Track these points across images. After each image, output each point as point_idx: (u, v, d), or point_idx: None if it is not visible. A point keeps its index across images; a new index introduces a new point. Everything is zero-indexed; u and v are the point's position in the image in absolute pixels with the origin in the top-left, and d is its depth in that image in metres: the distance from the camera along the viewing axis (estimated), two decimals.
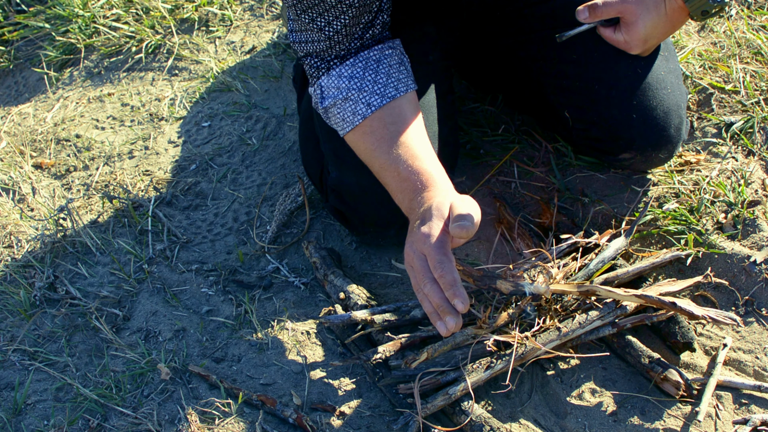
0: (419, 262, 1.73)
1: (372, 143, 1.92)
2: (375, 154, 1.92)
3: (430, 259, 1.71)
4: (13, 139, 2.71)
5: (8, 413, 1.96)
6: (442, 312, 1.70)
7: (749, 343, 1.96)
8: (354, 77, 1.93)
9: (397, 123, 1.92)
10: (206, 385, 1.97)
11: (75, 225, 2.38)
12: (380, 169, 1.92)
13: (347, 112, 1.94)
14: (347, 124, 1.95)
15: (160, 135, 2.66)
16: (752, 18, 2.57)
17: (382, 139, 1.91)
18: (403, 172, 1.87)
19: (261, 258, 2.28)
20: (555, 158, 2.32)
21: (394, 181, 1.89)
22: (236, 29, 2.94)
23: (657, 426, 1.82)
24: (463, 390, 1.81)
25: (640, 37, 1.98)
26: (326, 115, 2.00)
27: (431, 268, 1.70)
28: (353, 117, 1.94)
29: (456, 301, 1.67)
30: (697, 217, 2.13)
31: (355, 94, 1.93)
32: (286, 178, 2.45)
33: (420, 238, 1.73)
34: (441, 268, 1.69)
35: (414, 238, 1.75)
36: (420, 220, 1.76)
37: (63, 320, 2.16)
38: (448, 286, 1.68)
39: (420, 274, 1.72)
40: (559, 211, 2.21)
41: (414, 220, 1.80)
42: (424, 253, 1.72)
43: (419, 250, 1.73)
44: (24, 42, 3.07)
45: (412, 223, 1.80)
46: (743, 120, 2.30)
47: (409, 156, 1.87)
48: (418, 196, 1.83)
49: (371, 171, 1.97)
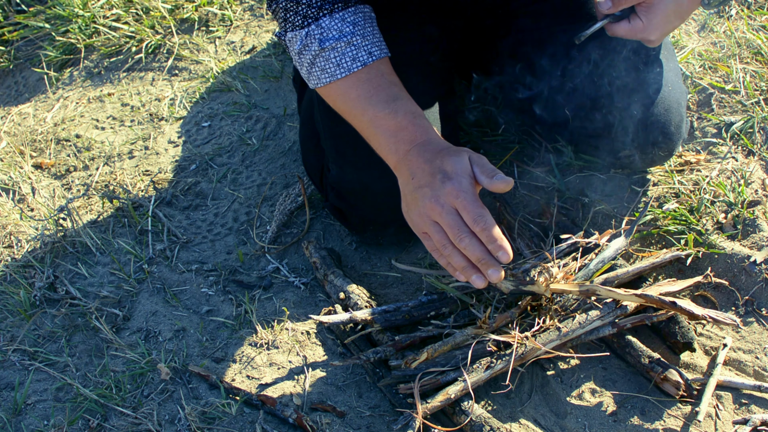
0: (451, 216, 1.68)
1: (368, 91, 1.86)
2: (371, 102, 1.85)
3: (468, 213, 1.66)
4: (13, 139, 2.71)
5: (8, 413, 1.96)
6: (484, 265, 1.67)
7: (749, 343, 1.96)
8: (357, 24, 1.88)
9: (393, 77, 1.89)
10: (206, 385, 1.97)
11: (75, 225, 2.38)
12: (373, 117, 1.84)
13: (346, 57, 1.87)
14: (342, 70, 1.87)
15: (160, 135, 2.66)
16: (752, 18, 2.57)
17: (379, 87, 1.86)
18: (402, 121, 1.82)
19: (261, 258, 2.28)
20: (555, 158, 2.32)
21: (389, 130, 1.82)
22: (236, 29, 2.94)
23: (657, 426, 1.82)
24: (463, 390, 1.81)
25: (660, 20, 1.91)
26: (315, 59, 1.88)
27: (470, 221, 1.66)
28: (352, 63, 1.86)
29: (500, 253, 1.65)
30: (697, 217, 2.13)
31: (358, 40, 1.86)
32: (286, 178, 2.45)
33: (450, 192, 1.68)
34: (483, 221, 1.66)
35: (441, 192, 1.69)
36: (440, 173, 1.70)
37: (63, 320, 2.16)
38: (492, 238, 1.65)
39: (454, 229, 1.67)
40: (559, 211, 2.21)
41: (421, 172, 1.74)
42: (455, 207, 1.68)
43: (449, 204, 1.68)
44: (24, 42, 3.07)
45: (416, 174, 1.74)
46: (743, 120, 2.30)
47: (408, 109, 1.84)
48: (422, 147, 1.78)
49: (354, 123, 1.90)
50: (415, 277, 2.18)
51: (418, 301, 2.00)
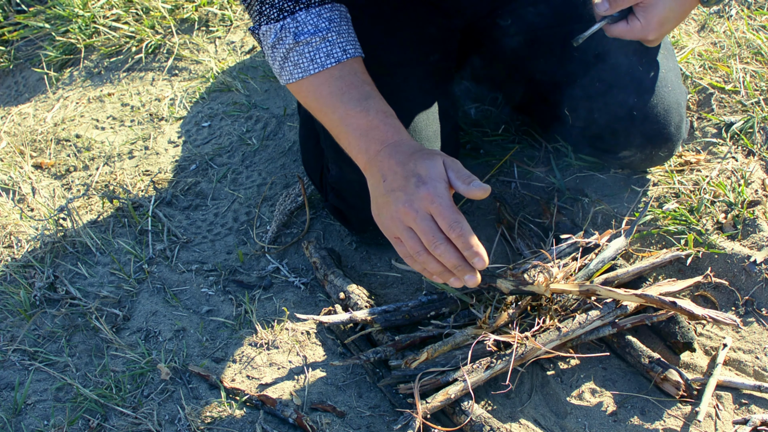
0: (425, 222, 1.63)
1: (340, 88, 1.82)
2: (342, 99, 1.81)
3: (443, 219, 1.62)
4: (13, 139, 2.71)
5: (8, 413, 1.96)
6: (460, 271, 1.64)
7: (749, 343, 1.96)
8: (333, 21, 1.85)
9: (366, 77, 1.86)
10: (206, 385, 1.97)
11: (75, 225, 2.38)
12: (344, 115, 1.80)
13: (320, 53, 1.82)
14: (316, 65, 1.82)
15: (160, 135, 2.66)
16: (752, 18, 2.57)
17: (351, 85, 1.82)
18: (373, 120, 1.78)
19: (261, 258, 2.28)
20: (555, 158, 2.32)
21: (360, 128, 1.78)
22: (236, 29, 2.94)
23: (657, 426, 1.82)
24: (463, 390, 1.81)
25: (659, 19, 1.90)
26: (288, 53, 1.84)
27: (445, 228, 1.63)
28: (326, 59, 1.82)
29: (476, 260, 1.62)
30: (697, 217, 2.13)
31: (333, 36, 1.83)
32: (286, 178, 2.45)
33: (425, 197, 1.64)
34: (459, 227, 1.61)
35: (414, 197, 1.65)
36: (414, 177, 1.66)
37: (63, 320, 2.16)
38: (468, 245, 1.61)
39: (429, 235, 1.63)
40: (559, 211, 2.21)
41: (393, 174, 1.70)
42: (430, 213, 1.64)
43: (424, 210, 1.64)
44: (24, 42, 3.07)
45: (387, 176, 1.70)
46: (743, 120, 2.30)
47: (380, 108, 1.80)
48: (393, 148, 1.73)
49: (324, 121, 1.86)
50: (415, 277, 2.18)
51: (418, 301, 2.00)
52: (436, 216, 1.63)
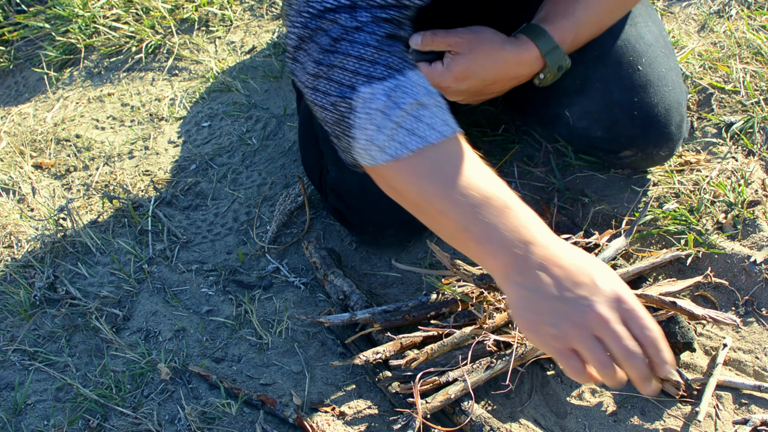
0: (620, 327, 1.39)
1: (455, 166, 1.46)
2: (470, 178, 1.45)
3: (639, 320, 1.40)
4: (13, 139, 2.71)
5: (8, 413, 1.96)
6: (647, 382, 1.42)
7: (749, 343, 1.96)
8: None
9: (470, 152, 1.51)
10: (206, 385, 1.97)
11: (75, 225, 2.38)
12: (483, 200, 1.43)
13: (437, 118, 1.46)
14: (436, 133, 1.44)
15: (160, 135, 2.66)
16: (752, 18, 2.57)
17: (471, 158, 1.49)
18: (512, 203, 1.45)
19: (261, 258, 2.28)
20: (555, 158, 2.32)
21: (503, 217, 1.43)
22: (236, 29, 2.94)
23: (657, 426, 1.82)
24: (463, 390, 1.81)
25: (462, 71, 1.82)
26: (403, 120, 1.43)
27: (640, 328, 1.40)
28: (444, 127, 1.47)
29: (666, 368, 1.41)
30: (697, 217, 2.13)
31: (441, 99, 1.50)
32: (286, 178, 2.45)
33: (617, 297, 1.40)
34: (651, 330, 1.41)
35: (605, 297, 1.40)
36: (592, 272, 1.41)
37: (63, 320, 2.16)
38: (659, 349, 1.41)
39: (630, 341, 1.39)
40: (559, 211, 2.21)
41: (563, 272, 1.41)
42: (623, 317, 1.40)
43: (618, 311, 1.40)
44: (24, 42, 3.07)
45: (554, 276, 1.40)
46: (743, 120, 2.30)
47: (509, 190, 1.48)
48: (548, 239, 1.44)
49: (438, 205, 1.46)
50: (415, 277, 2.18)
51: (418, 301, 2.00)
52: (629, 319, 1.41)
